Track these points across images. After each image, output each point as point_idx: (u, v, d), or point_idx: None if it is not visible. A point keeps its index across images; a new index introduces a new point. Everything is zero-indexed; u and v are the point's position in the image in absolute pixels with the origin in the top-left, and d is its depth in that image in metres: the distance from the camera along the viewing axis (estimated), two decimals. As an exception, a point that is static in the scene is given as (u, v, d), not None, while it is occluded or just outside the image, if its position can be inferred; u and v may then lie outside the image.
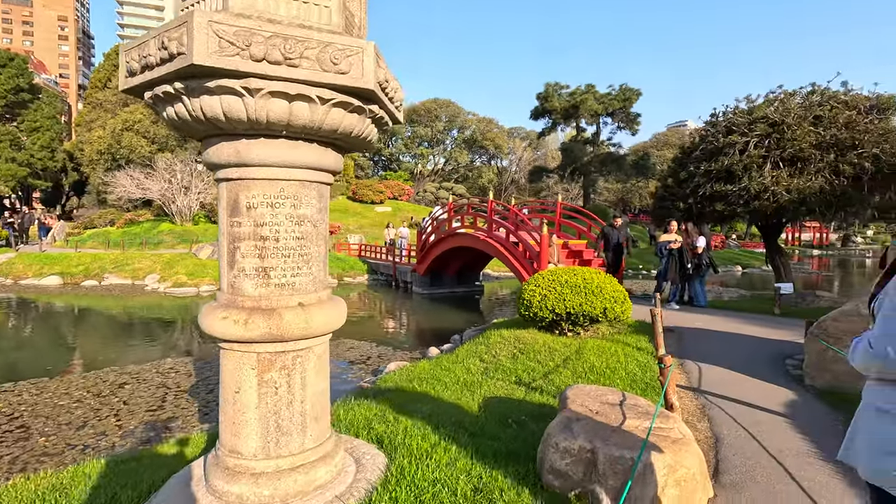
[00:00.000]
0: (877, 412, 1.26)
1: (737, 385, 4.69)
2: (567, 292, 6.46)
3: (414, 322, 13.19)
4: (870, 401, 1.30)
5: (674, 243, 9.61)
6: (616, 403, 3.15)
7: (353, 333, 10.65)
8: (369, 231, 30.18)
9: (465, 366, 5.76)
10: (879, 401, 1.27)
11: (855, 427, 1.34)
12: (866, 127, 9.02)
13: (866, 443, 1.28)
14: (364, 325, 11.90)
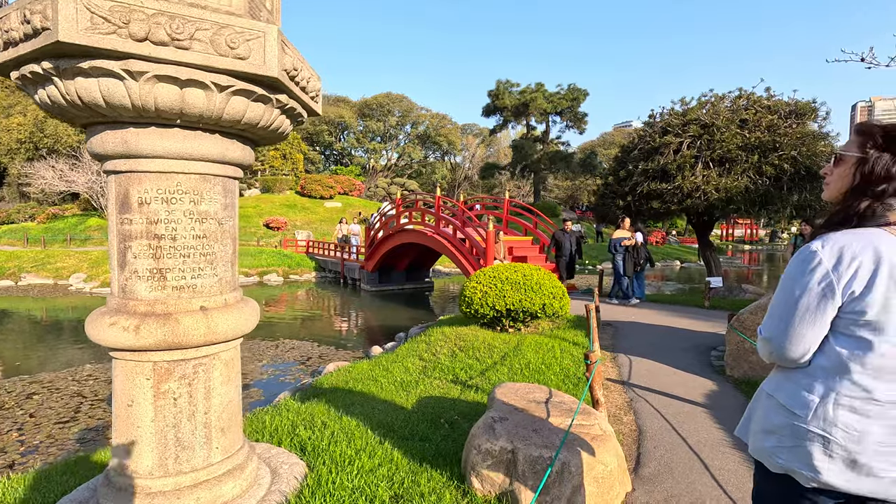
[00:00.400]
0: (766, 396, 1.37)
1: (664, 377, 4.86)
2: (507, 289, 6.50)
3: (360, 320, 12.95)
4: (763, 386, 1.40)
5: (628, 240, 9.65)
6: (542, 401, 3.15)
7: (296, 333, 10.32)
8: (318, 227, 29.44)
9: (404, 365, 5.67)
10: (769, 387, 1.37)
11: (750, 408, 1.44)
12: (786, 131, 9.64)
13: (754, 423, 1.39)
14: (308, 325, 11.56)
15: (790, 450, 1.27)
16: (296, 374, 7.24)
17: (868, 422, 1.18)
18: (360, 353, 8.44)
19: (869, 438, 1.17)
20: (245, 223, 27.70)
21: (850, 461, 1.19)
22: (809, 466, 1.23)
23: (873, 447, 1.17)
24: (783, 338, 1.28)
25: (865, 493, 1.19)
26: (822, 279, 1.20)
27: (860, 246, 1.16)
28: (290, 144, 42.08)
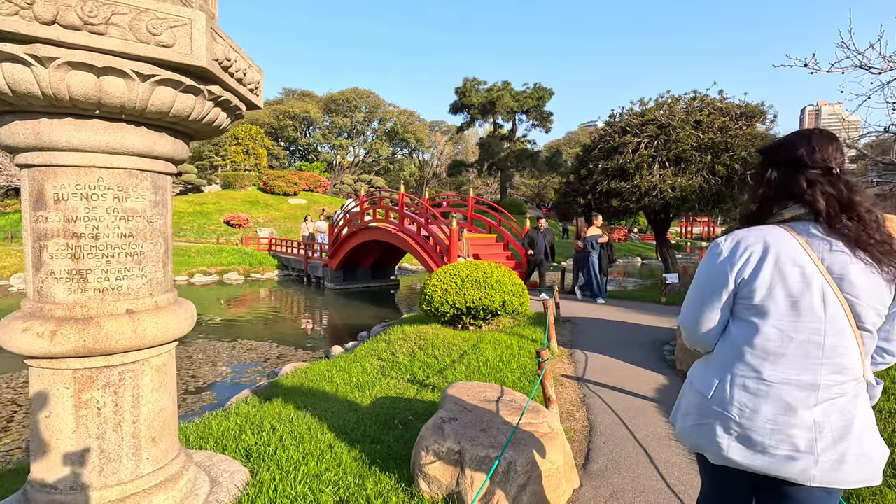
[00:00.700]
0: (688, 383, 1.49)
1: (618, 372, 4.95)
2: (468, 287, 6.49)
3: (323, 319, 12.72)
4: (688, 373, 1.53)
5: (602, 237, 9.58)
6: (493, 400, 3.14)
7: (256, 333, 10.04)
8: (282, 224, 28.79)
9: (362, 365, 5.58)
10: (690, 373, 1.50)
11: (679, 395, 1.56)
12: (736, 132, 10.01)
13: (678, 408, 1.51)
14: (268, 324, 11.27)
15: (699, 428, 1.38)
16: (252, 375, 7.03)
17: (759, 400, 1.27)
18: (320, 354, 8.27)
19: (760, 416, 1.26)
20: (205, 220, 26.81)
21: (746, 438, 1.27)
22: (714, 444, 1.33)
23: (765, 424, 1.26)
24: (691, 320, 1.42)
25: (761, 469, 1.27)
26: (720, 266, 1.33)
27: (753, 239, 1.29)
28: (253, 139, 40.99)
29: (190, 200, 29.28)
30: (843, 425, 1.23)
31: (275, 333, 10.16)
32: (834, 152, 1.31)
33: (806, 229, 1.27)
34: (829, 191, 1.27)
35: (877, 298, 1.23)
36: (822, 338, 1.23)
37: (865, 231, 1.22)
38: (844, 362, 1.23)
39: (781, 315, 1.25)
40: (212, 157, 38.16)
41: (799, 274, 1.23)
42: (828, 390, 1.24)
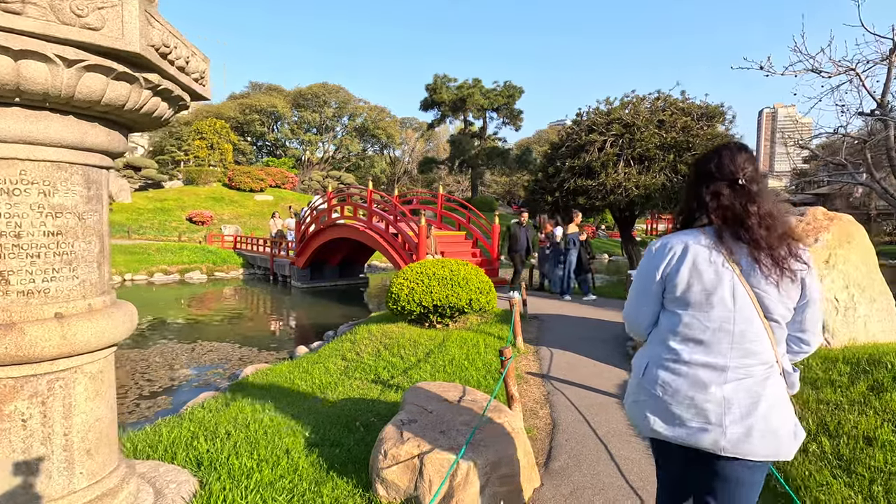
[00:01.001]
0: (634, 370, 1.63)
1: (582, 368, 4.99)
2: (434, 285, 6.43)
3: (289, 319, 12.44)
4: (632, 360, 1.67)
5: (581, 235, 9.38)
6: (455, 401, 3.09)
7: (218, 334, 9.72)
8: (247, 221, 28.05)
9: (325, 366, 5.45)
10: (633, 360, 1.65)
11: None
12: (698, 132, 10.28)
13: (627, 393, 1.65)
14: (231, 325, 10.93)
15: (635, 405, 1.56)
16: (212, 378, 6.79)
17: (679, 379, 1.43)
18: (284, 354, 8.07)
19: (679, 393, 1.43)
20: (165, 217, 25.86)
21: (668, 412, 1.44)
22: (643, 418, 1.50)
23: (683, 400, 1.42)
24: (630, 312, 1.63)
25: (680, 439, 1.43)
26: (650, 266, 1.53)
27: (676, 241, 1.49)
28: (218, 134, 39.79)
29: (150, 196, 28.18)
30: (749, 403, 1.37)
31: (238, 334, 9.86)
32: (742, 164, 1.45)
33: (722, 232, 1.44)
34: (726, 202, 1.44)
35: (780, 295, 1.40)
36: (731, 325, 1.39)
37: (756, 239, 1.39)
38: (753, 348, 1.40)
39: (698, 306, 1.43)
40: (173, 152, 36.84)
41: (713, 271, 1.41)
42: (736, 371, 1.39)
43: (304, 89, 54.84)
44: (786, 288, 1.39)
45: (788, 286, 1.40)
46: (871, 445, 2.41)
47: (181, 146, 37.34)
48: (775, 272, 1.38)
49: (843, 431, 2.57)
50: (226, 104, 52.98)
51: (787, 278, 1.39)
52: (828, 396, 2.91)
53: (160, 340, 9.01)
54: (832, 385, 3.03)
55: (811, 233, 4.44)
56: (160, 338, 9.24)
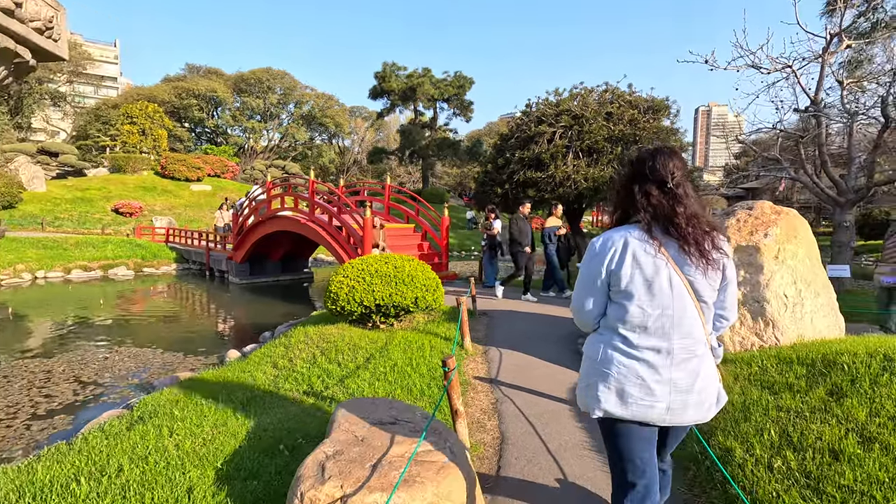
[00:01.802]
0: (584, 356, 1.78)
1: (533, 371, 4.73)
2: (377, 283, 5.99)
3: (223, 318, 11.56)
4: (583, 349, 1.80)
5: (560, 229, 8.61)
6: (390, 422, 2.69)
7: (139, 337, 8.81)
8: (182, 213, 26.23)
9: (254, 375, 4.90)
10: (584, 348, 1.79)
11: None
12: (644, 125, 10.34)
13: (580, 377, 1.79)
14: (156, 326, 9.99)
15: (587, 388, 1.70)
16: (125, 391, 6.02)
17: (630, 362, 1.60)
18: (213, 360, 7.37)
19: (631, 375, 1.59)
20: (87, 208, 23.67)
21: (620, 391, 1.60)
22: (595, 399, 1.65)
23: (634, 381, 1.59)
24: (578, 305, 1.75)
25: (629, 416, 1.59)
26: (595, 262, 1.65)
27: (616, 237, 1.62)
28: (150, 118, 36.96)
29: (69, 185, 25.70)
30: (689, 381, 1.58)
31: (163, 337, 8.99)
32: (673, 169, 1.62)
33: (649, 227, 1.60)
34: (656, 202, 1.60)
35: (707, 280, 1.59)
36: (672, 311, 1.57)
37: (683, 234, 1.57)
38: (691, 330, 1.59)
39: (641, 296, 1.58)
40: (97, 137, 33.90)
41: (651, 263, 1.57)
42: (680, 353, 1.58)
43: (247, 74, 52.19)
44: (710, 274, 1.60)
45: (712, 272, 1.60)
46: (838, 460, 2.24)
47: (107, 131, 34.37)
48: (702, 262, 1.58)
49: (807, 444, 2.39)
50: (159, 87, 49.51)
51: (711, 266, 1.59)
52: (787, 403, 2.75)
53: (69, 347, 8.03)
54: (790, 390, 2.88)
55: (760, 227, 4.36)
56: (69, 344, 8.24)
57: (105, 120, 38.13)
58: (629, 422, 1.64)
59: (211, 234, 17.34)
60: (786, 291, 4.09)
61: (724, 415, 2.81)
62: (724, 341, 4.10)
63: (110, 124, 36.01)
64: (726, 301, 1.70)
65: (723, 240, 1.66)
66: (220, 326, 10.55)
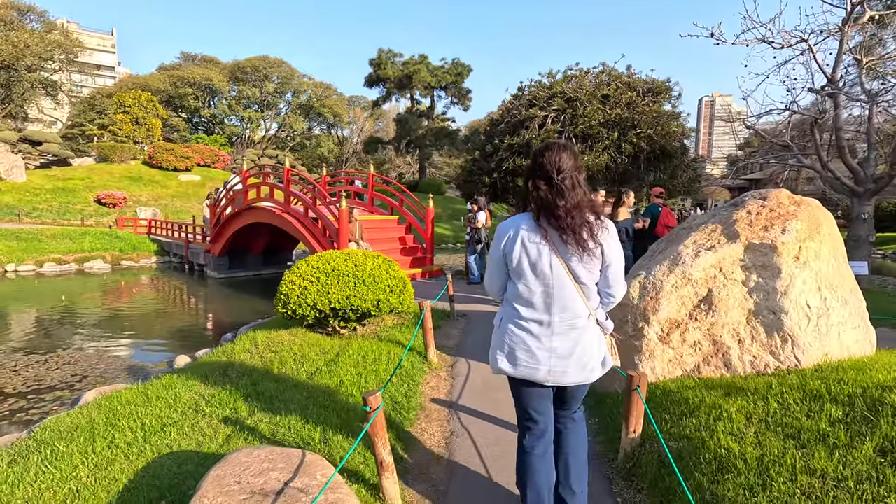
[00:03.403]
0: (495, 325, 2.07)
1: (501, 391, 3.98)
2: (333, 283, 5.25)
3: (190, 317, 10.82)
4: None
5: (638, 222, 6.82)
6: (274, 490, 1.96)
7: (90, 339, 8.11)
8: (169, 204, 25.48)
9: (177, 394, 4.17)
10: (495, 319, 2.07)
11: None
12: (643, 109, 9.51)
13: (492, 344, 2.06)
14: (114, 326, 9.28)
15: (491, 350, 2.02)
16: (48, 405, 5.31)
17: (520, 332, 1.91)
18: (162, 365, 6.67)
19: (519, 342, 1.90)
20: (68, 198, 22.94)
21: (512, 355, 1.92)
22: (494, 360, 1.98)
23: (522, 347, 1.90)
24: (488, 282, 2.08)
25: (519, 375, 1.92)
26: (496, 245, 1.96)
27: (511, 225, 1.92)
28: (144, 107, 36.15)
29: (51, 175, 24.94)
30: (569, 348, 1.87)
31: (117, 339, 8.29)
32: (560, 165, 1.83)
33: (536, 216, 1.85)
34: (544, 196, 1.83)
35: (584, 264, 1.83)
36: (552, 290, 1.85)
37: (562, 225, 1.79)
38: (569, 305, 1.86)
39: (527, 276, 1.87)
40: (84, 126, 33.08)
41: (535, 248, 1.84)
42: (559, 325, 1.87)
43: (243, 62, 51.33)
44: (587, 259, 1.82)
45: (590, 257, 1.82)
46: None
47: (93, 119, 33.54)
48: (578, 249, 1.80)
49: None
50: (154, 75, 48.65)
51: (587, 253, 1.80)
52: (822, 464, 2.00)
53: (3, 351, 7.33)
54: (824, 442, 2.13)
55: (776, 221, 3.60)
56: (5, 346, 7.54)
57: (99, 109, 37.33)
58: (522, 380, 1.94)
59: (191, 226, 16.59)
60: (808, 300, 3.33)
61: (736, 478, 2.07)
62: (732, 360, 3.36)
63: (104, 114, 35.21)
64: (609, 280, 1.90)
65: (604, 229, 1.84)
66: (185, 326, 9.83)
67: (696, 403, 2.84)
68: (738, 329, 3.39)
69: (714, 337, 3.42)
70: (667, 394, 3.19)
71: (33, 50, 31.70)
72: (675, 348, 3.49)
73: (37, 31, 34.16)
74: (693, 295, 3.51)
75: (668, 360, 3.50)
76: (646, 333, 3.54)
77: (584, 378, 1.87)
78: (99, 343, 7.84)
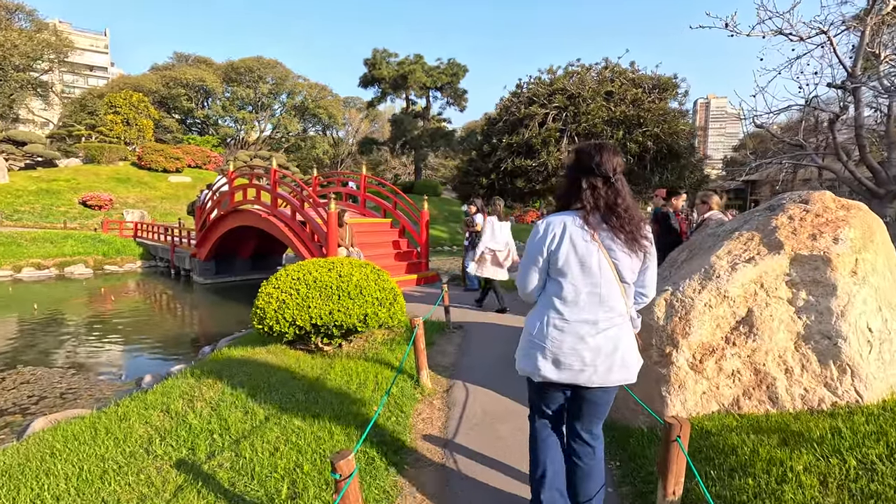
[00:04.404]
0: (526, 328, 2.04)
1: (505, 424, 3.47)
2: (314, 296, 4.71)
3: (171, 327, 10.21)
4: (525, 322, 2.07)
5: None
6: None
7: (59, 353, 7.52)
8: (158, 206, 24.83)
9: (131, 426, 3.62)
10: (525, 321, 2.06)
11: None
12: (649, 106, 9.04)
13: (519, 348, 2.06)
14: (87, 338, 8.70)
15: (526, 357, 1.99)
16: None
17: (563, 334, 1.89)
18: (130, 383, 6.11)
19: (564, 345, 1.88)
20: (52, 201, 22.26)
21: (555, 360, 1.90)
22: (535, 367, 1.94)
23: (567, 350, 1.88)
24: (522, 281, 2.03)
25: (565, 380, 1.90)
26: (537, 243, 1.93)
27: (556, 222, 1.90)
28: (135, 108, 35.46)
29: (35, 177, 24.23)
30: (612, 347, 1.87)
31: (87, 352, 7.71)
32: (615, 165, 1.87)
33: (590, 216, 1.85)
34: (602, 194, 1.85)
35: (631, 264, 1.89)
36: (599, 289, 1.87)
37: (621, 224, 1.84)
38: (613, 304, 1.88)
39: (574, 275, 1.87)
40: (73, 127, 32.37)
41: (584, 246, 1.85)
42: (604, 323, 1.87)
43: (237, 63, 50.80)
44: (634, 258, 1.89)
45: (636, 257, 1.89)
46: None
47: (81, 120, 32.81)
48: (628, 248, 1.85)
49: None
50: (147, 76, 48.01)
51: (635, 252, 1.87)
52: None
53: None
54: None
55: (825, 229, 3.09)
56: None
57: (91, 110, 36.64)
58: (557, 383, 1.94)
59: (177, 229, 15.98)
60: (870, 322, 2.82)
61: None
62: (779, 394, 2.85)
63: (96, 114, 34.51)
64: (646, 281, 1.97)
65: (648, 231, 1.91)
66: (163, 337, 9.24)
67: (746, 454, 2.32)
68: (784, 356, 2.87)
69: (756, 365, 2.90)
70: (704, 436, 2.67)
71: (21, 49, 31.01)
72: (710, 378, 2.97)
73: (25, 30, 33.47)
74: (730, 315, 2.99)
75: (701, 393, 2.98)
76: (674, 360, 3.02)
77: (625, 378, 1.91)
78: (66, 357, 7.26)
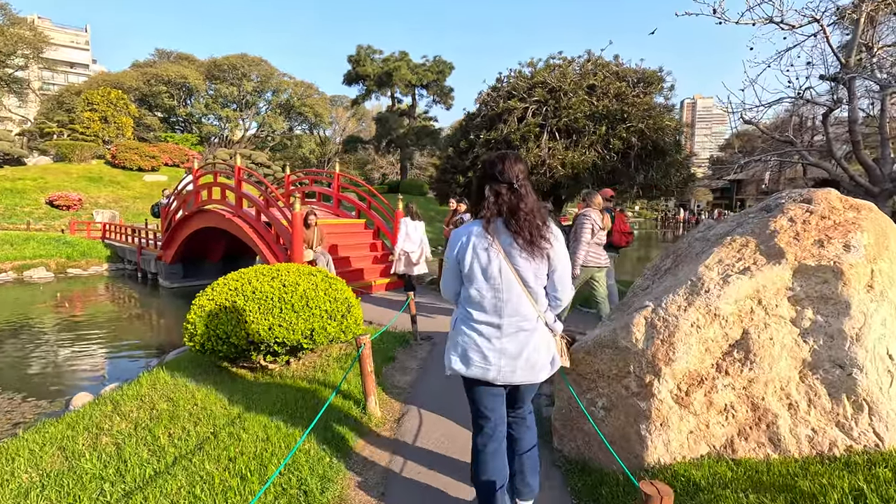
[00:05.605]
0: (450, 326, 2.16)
1: (456, 460, 2.93)
2: (252, 309, 4.13)
3: (127, 336, 9.50)
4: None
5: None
6: None
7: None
8: (131, 206, 23.93)
9: (13, 471, 3.02)
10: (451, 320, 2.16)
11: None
12: (633, 100, 8.55)
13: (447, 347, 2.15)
14: (30, 348, 8.02)
15: (446, 350, 2.11)
16: None
17: (472, 334, 2.00)
18: (59, 404, 5.48)
19: (471, 342, 2.00)
20: (16, 200, 21.30)
21: (465, 356, 2.02)
22: (448, 360, 2.08)
23: (474, 348, 1.99)
24: (442, 284, 2.18)
25: (470, 375, 2.02)
26: (449, 251, 2.06)
27: (463, 232, 2.02)
28: (113, 105, 34.36)
29: (0, 175, 23.23)
30: (517, 350, 1.97)
31: (21, 367, 7.04)
32: (518, 172, 1.97)
33: (490, 223, 1.94)
34: (506, 200, 1.94)
35: (533, 269, 1.95)
36: (502, 294, 1.95)
37: (520, 227, 1.91)
38: (518, 309, 1.96)
39: (479, 281, 1.97)
40: (44, 124, 31.25)
41: (486, 254, 1.94)
42: (508, 328, 1.97)
43: (220, 60, 49.74)
44: (536, 263, 1.94)
45: (539, 261, 1.94)
46: None
47: (52, 117, 31.69)
48: (528, 252, 1.92)
49: None
50: (127, 73, 46.80)
51: (537, 255, 1.93)
52: None
53: None
54: None
55: (833, 234, 2.59)
56: None
57: (68, 107, 35.50)
58: (475, 379, 2.05)
59: (143, 230, 15.23)
60: (890, 348, 2.33)
61: None
62: (781, 434, 2.35)
63: (73, 111, 33.41)
64: (556, 284, 2.02)
65: (550, 233, 1.96)
66: (113, 348, 8.56)
67: (745, 526, 1.81)
68: (787, 389, 2.37)
69: (753, 399, 2.40)
70: (692, 492, 2.16)
71: (-8, 44, 29.84)
72: (699, 414, 2.46)
73: (-3, 24, 32.26)
74: (722, 338, 2.49)
75: (687, 432, 2.47)
76: (656, 392, 2.51)
77: (533, 377, 2.01)
78: (2, 370, 6.59)
